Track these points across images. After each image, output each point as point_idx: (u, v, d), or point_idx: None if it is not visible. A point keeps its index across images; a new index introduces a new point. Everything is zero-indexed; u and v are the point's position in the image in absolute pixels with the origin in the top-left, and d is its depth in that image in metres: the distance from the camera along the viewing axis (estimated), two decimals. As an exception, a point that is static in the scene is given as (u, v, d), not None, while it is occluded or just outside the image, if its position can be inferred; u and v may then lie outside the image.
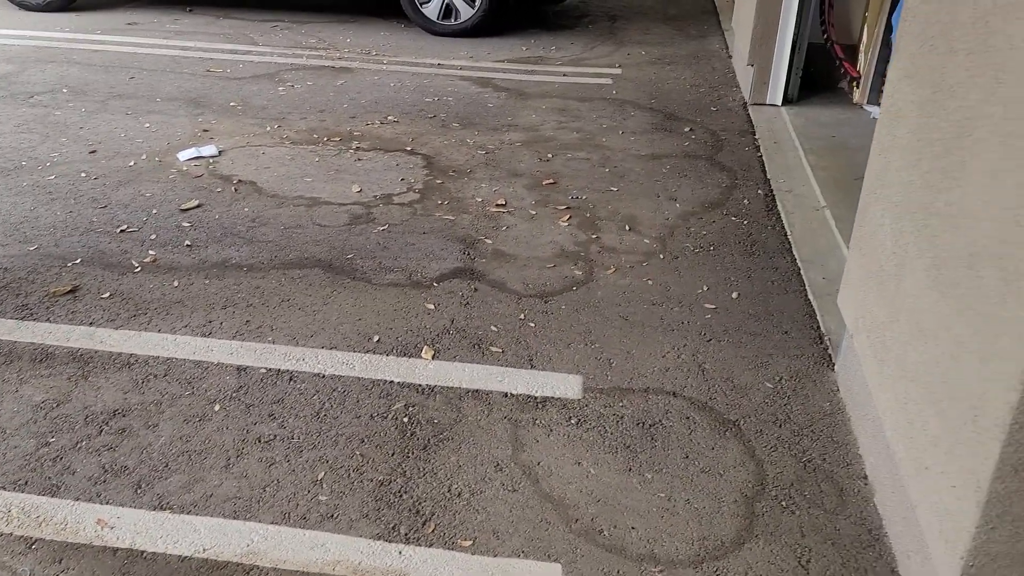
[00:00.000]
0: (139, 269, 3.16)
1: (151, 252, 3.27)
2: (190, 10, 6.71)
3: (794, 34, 4.63)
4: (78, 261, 3.19)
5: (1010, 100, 1.54)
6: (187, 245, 3.34)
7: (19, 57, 5.48)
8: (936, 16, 1.95)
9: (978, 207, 1.63)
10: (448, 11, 6.26)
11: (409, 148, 4.35)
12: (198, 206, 3.65)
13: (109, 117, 4.55)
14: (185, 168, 4.00)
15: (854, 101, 4.73)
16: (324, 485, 2.22)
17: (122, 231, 3.42)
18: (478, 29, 6.28)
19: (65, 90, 4.92)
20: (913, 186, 2.00)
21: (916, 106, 2.04)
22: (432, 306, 3.01)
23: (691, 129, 4.66)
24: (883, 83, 4.55)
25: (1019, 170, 1.48)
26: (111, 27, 6.19)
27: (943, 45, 1.88)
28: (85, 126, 4.42)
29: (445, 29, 6.31)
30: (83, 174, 3.89)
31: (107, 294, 2.99)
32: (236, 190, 3.81)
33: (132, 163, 4.02)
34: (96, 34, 6.00)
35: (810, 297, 3.07)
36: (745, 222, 3.64)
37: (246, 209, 3.65)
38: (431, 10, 6.27)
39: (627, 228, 3.58)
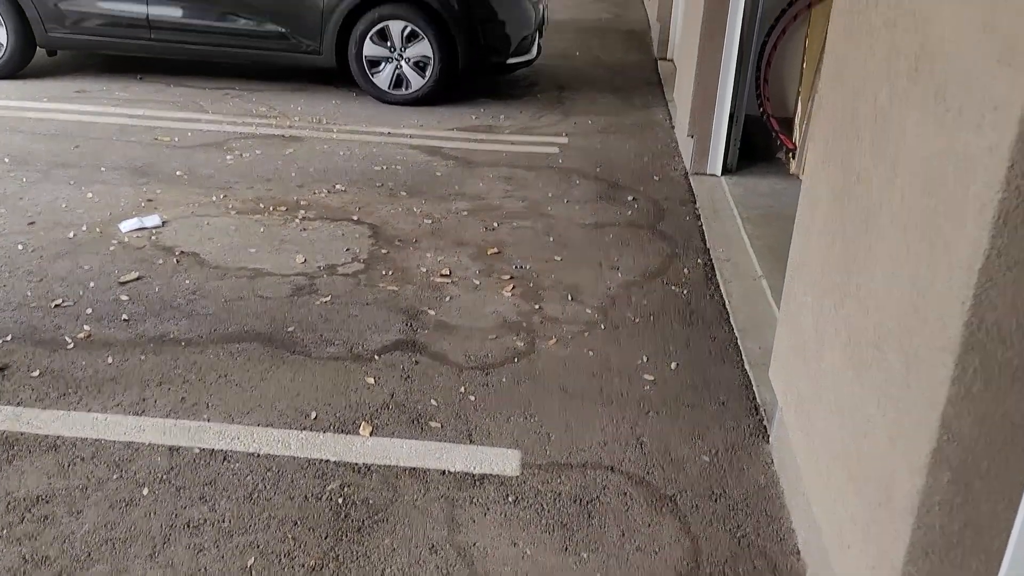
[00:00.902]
0: (72, 345, 3.10)
1: (86, 327, 3.22)
2: (140, 78, 6.73)
3: (731, 107, 4.81)
4: (9, 338, 3.12)
5: (906, 190, 1.62)
6: (124, 319, 3.29)
7: (-39, 126, 5.44)
8: (843, 104, 2.05)
9: (882, 292, 1.69)
10: (399, 80, 6.38)
11: (356, 217, 4.37)
12: (138, 278, 3.62)
13: (51, 187, 4.52)
14: (127, 239, 3.97)
15: (791, 171, 4.89)
16: (253, 572, 2.17)
17: (57, 305, 3.36)
18: (428, 98, 6.40)
19: (7, 160, 4.87)
20: (830, 267, 2.08)
21: (830, 189, 2.13)
22: (372, 380, 3.00)
23: (634, 198, 4.77)
24: (816, 154, 4.74)
25: (915, 259, 1.55)
26: (59, 95, 6.17)
27: (851, 132, 1.98)
28: (25, 196, 4.38)
29: (396, 98, 6.42)
30: (20, 246, 3.83)
31: (37, 372, 2.93)
32: (178, 262, 3.79)
33: (72, 234, 3.98)
34: (43, 102, 5.98)
35: (746, 367, 3.13)
36: (685, 291, 3.71)
37: (187, 281, 3.62)
38: (382, 79, 6.38)
39: (570, 298, 3.63)
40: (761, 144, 5.15)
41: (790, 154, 4.92)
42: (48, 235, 3.96)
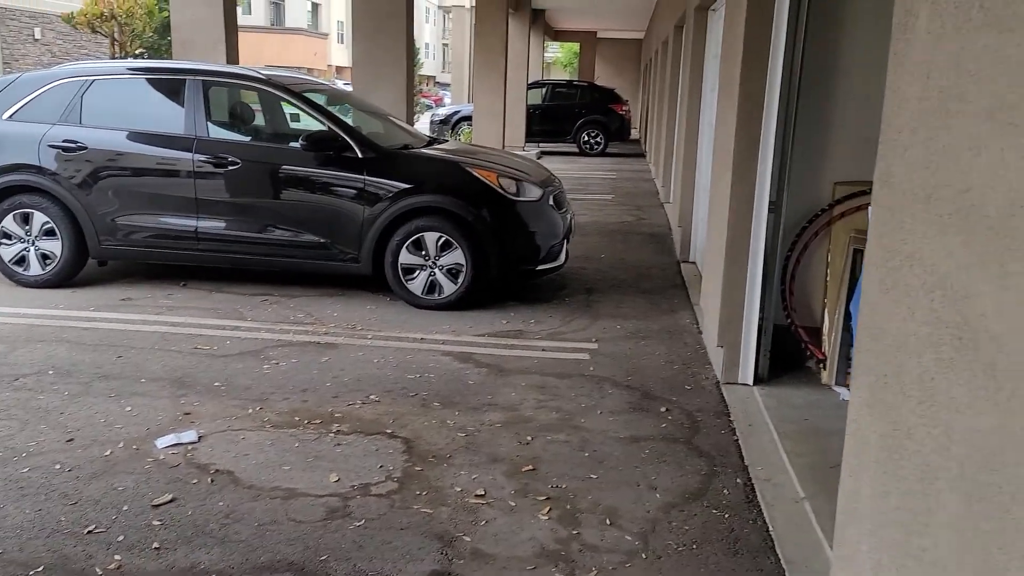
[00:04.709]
0: (102, 578, 3.03)
1: (116, 557, 3.16)
2: (184, 284, 7.03)
3: (759, 318, 4.90)
4: (40, 569, 3.06)
5: (964, 462, 1.61)
6: (155, 548, 3.23)
7: (10, 336, 5.64)
8: (885, 356, 2.08)
9: (952, 564, 1.64)
10: (432, 286, 6.61)
11: (389, 431, 4.37)
12: (171, 500, 3.59)
13: (92, 401, 4.60)
14: (162, 457, 3.98)
15: (823, 381, 4.89)
16: None
17: (89, 532, 3.32)
18: (460, 303, 6.60)
19: (51, 372, 5.00)
20: (885, 519, 2.03)
21: (879, 437, 2.11)
22: (407, 619, 2.87)
23: (667, 409, 4.75)
24: (848, 365, 4.76)
25: (984, 538, 1.51)
26: (105, 303, 6.43)
27: (896, 387, 2.00)
28: (66, 411, 4.45)
29: (429, 303, 6.63)
30: (57, 466, 3.85)
31: (64, 611, 2.85)
32: (212, 481, 3.77)
33: (109, 452, 4.00)
34: (89, 311, 6.22)
35: (799, 606, 2.98)
36: (726, 515, 3.61)
37: (221, 503, 3.58)
38: (416, 285, 6.63)
39: (608, 522, 3.53)
40: (790, 352, 5.18)
41: (821, 364, 4.94)
42: (85, 453, 3.99)
